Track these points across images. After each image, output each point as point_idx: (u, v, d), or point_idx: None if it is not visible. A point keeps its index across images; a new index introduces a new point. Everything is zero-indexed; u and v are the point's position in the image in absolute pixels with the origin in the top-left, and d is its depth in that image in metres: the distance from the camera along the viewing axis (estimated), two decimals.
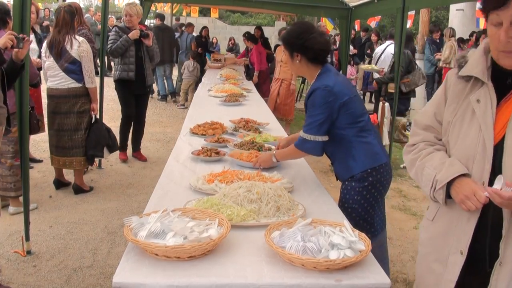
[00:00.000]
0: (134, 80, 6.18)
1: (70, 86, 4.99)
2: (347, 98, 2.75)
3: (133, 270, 1.73)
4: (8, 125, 3.39)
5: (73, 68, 4.96)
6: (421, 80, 6.84)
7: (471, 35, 11.58)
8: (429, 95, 11.06)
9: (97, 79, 5.83)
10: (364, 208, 2.80)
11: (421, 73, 6.88)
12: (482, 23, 10.36)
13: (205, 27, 13.25)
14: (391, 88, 6.62)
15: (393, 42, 9.20)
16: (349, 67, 10.82)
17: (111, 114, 7.06)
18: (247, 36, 10.30)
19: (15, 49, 3.19)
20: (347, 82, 2.94)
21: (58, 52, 4.91)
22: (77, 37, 5.00)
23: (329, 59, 11.92)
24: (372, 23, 14.20)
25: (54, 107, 5.05)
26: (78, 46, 4.94)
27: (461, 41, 10.83)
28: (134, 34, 5.98)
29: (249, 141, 3.50)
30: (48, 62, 5.00)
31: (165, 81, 11.57)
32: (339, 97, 2.73)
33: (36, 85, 4.67)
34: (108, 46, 6.04)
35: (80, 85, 5.02)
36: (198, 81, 10.71)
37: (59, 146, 5.09)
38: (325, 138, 2.78)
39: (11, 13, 4.17)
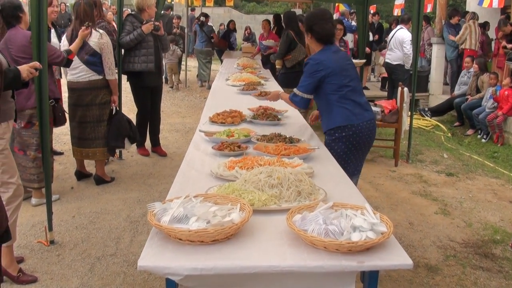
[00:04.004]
0: (153, 71, 6.09)
1: (91, 78, 5.07)
2: (331, 71, 3.42)
3: (158, 255, 1.76)
4: (15, 120, 3.47)
5: (93, 60, 5.04)
6: (301, 55, 7.17)
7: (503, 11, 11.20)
8: (451, 81, 10.85)
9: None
10: (340, 156, 3.47)
11: (301, 49, 7.19)
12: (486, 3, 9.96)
13: (232, 21, 14.39)
14: (278, 64, 7.44)
15: (403, 27, 9.14)
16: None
17: (130, 106, 7.10)
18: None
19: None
20: (340, 60, 3.53)
21: None
22: (97, 29, 5.06)
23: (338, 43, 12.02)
24: (396, 11, 14.09)
25: (76, 99, 5.14)
26: (99, 38, 5.01)
27: (481, 26, 10.55)
28: (148, 28, 5.88)
29: (276, 134, 3.45)
30: None
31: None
32: (325, 69, 3.42)
33: (59, 63, 4.69)
34: (121, 36, 5.92)
35: (100, 77, 5.11)
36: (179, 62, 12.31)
37: (81, 138, 5.20)
38: (310, 96, 3.56)
39: (23, 7, 4.26)
